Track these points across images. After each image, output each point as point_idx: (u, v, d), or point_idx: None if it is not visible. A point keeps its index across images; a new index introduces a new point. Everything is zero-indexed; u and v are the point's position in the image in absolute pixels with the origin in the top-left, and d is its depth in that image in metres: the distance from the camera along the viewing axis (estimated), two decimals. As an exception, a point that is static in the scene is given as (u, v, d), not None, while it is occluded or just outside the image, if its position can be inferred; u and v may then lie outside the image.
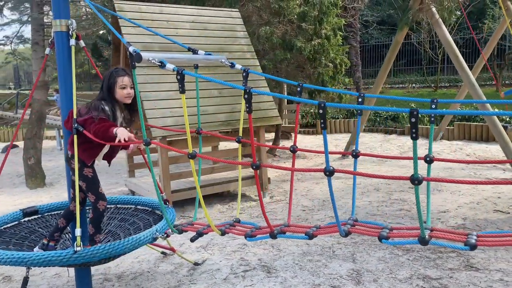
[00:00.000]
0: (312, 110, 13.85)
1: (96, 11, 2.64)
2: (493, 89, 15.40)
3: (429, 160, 2.01)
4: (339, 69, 9.40)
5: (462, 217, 4.74)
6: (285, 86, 13.08)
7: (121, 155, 9.60)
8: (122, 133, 2.51)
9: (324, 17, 8.41)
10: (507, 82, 16.04)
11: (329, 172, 1.81)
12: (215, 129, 5.40)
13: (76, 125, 2.62)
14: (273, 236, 2.19)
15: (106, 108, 2.65)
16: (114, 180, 7.92)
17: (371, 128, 12.59)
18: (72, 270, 3.26)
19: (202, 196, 5.89)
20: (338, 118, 13.32)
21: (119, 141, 2.47)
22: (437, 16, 7.12)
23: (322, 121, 1.75)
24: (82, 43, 2.85)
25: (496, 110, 9.50)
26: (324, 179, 7.00)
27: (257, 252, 4.11)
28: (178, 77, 2.03)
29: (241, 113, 2.57)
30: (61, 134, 12.64)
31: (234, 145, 10.49)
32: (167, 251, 4.03)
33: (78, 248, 2.44)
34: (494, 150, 8.46)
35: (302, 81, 9.07)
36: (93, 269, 3.88)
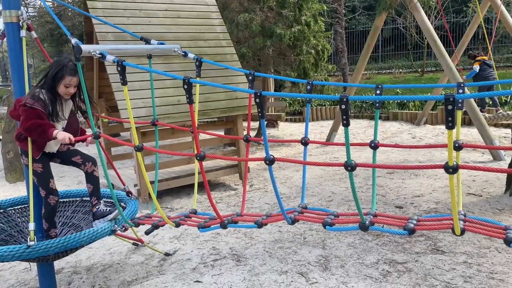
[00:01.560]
0: (299, 99, 13.81)
1: (43, 2, 2.57)
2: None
3: (374, 146, 2.01)
4: (322, 55, 9.35)
5: (435, 201, 4.77)
6: (272, 80, 13.01)
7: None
8: (62, 137, 2.51)
9: (304, 3, 8.33)
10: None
11: (269, 161, 1.80)
12: (189, 119, 5.36)
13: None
14: (223, 226, 2.18)
15: (44, 97, 2.60)
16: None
17: (357, 115, 12.60)
18: (35, 265, 3.24)
19: (182, 186, 5.89)
20: (324, 106, 13.30)
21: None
22: (415, 0, 7.08)
23: (259, 110, 1.73)
24: (34, 34, 2.78)
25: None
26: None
27: (229, 241, 4.12)
28: (119, 69, 1.99)
29: (196, 106, 2.54)
30: None
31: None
32: (139, 243, 4.03)
33: (32, 243, 2.42)
34: (475, 134, 8.50)
35: (284, 69, 9.04)
36: (63, 261, 3.88)
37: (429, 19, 8.07)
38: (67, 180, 7.27)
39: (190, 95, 1.88)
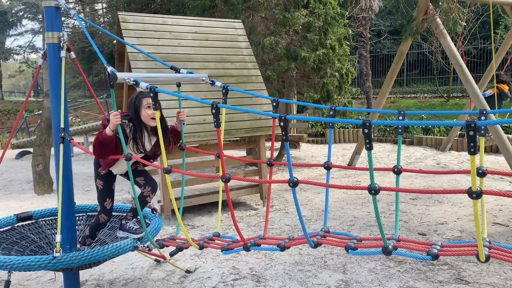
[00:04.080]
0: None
1: (82, 25, 2.73)
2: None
3: (397, 171, 2.02)
4: (345, 79, 9.41)
5: (459, 229, 4.68)
6: (295, 97, 13.11)
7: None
8: (113, 126, 2.54)
9: (329, 27, 8.45)
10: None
11: (292, 183, 1.85)
12: (213, 138, 5.47)
13: (62, 134, 2.73)
14: (246, 248, 2.22)
15: (126, 121, 2.70)
16: (119, 187, 8.03)
17: (380, 138, 12.52)
18: (60, 276, 3.33)
19: (204, 204, 5.95)
20: (347, 128, 13.27)
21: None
22: (442, 26, 7.10)
23: (283, 133, 1.79)
24: (72, 54, 2.95)
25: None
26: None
27: (249, 261, 4.13)
28: (151, 95, 2.10)
29: (222, 128, 2.61)
30: (89, 140, 12.91)
31: (239, 153, 10.55)
32: (161, 259, 4.08)
33: (57, 254, 2.52)
34: (502, 162, 8.32)
35: (307, 91, 9.11)
36: (87, 274, 3.96)
37: (455, 44, 8.00)
38: (94, 194, 7.45)
39: (217, 119, 1.96)
